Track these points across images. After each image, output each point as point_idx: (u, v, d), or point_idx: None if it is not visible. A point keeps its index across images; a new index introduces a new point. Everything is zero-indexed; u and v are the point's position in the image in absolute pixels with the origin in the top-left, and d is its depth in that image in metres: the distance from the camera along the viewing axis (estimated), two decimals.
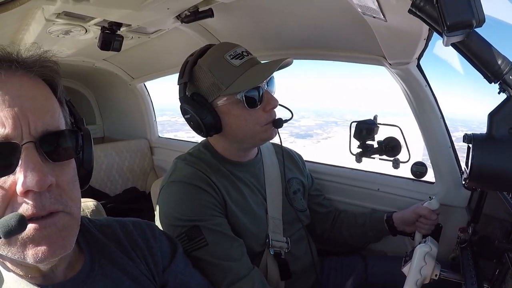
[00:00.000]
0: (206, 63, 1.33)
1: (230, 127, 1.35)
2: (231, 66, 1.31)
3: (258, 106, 1.33)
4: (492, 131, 0.86)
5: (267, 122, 1.36)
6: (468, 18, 0.72)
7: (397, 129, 1.58)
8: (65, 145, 0.72)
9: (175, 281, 1.01)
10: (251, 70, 1.32)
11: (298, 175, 1.70)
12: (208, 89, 1.32)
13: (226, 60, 1.31)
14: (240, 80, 1.29)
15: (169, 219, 1.30)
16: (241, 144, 1.42)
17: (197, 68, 1.35)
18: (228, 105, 1.32)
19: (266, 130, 1.37)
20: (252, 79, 1.30)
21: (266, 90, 1.35)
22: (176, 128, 16.74)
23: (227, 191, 1.37)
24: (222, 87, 1.30)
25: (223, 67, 1.31)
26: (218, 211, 1.32)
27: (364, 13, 1.22)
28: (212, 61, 1.33)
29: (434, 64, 11.08)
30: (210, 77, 1.31)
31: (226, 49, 1.35)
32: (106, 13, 1.56)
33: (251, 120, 1.33)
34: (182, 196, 1.31)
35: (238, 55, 1.33)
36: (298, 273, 1.51)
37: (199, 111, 1.31)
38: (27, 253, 0.66)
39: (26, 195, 0.65)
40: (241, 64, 1.32)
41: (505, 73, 0.81)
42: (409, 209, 1.60)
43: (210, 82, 1.31)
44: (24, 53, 0.73)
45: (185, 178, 1.33)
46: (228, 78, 1.30)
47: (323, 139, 30.27)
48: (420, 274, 1.15)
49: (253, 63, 1.35)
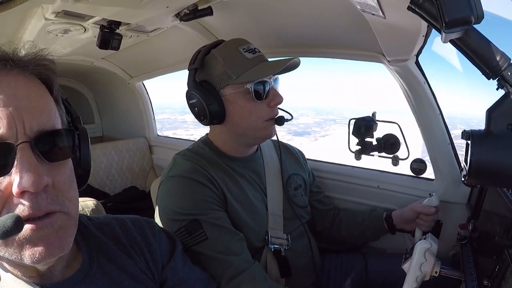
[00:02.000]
0: (219, 52, 1.37)
1: (233, 118, 1.37)
2: (243, 58, 1.35)
3: (264, 100, 1.36)
4: (490, 127, 0.86)
5: (270, 117, 1.38)
6: (466, 14, 0.72)
7: (396, 126, 1.58)
8: (61, 145, 0.72)
9: (174, 277, 1.01)
10: (262, 64, 1.37)
11: (300, 171, 1.70)
12: (218, 77, 1.35)
13: (239, 52, 1.35)
14: (251, 72, 1.33)
15: (169, 213, 1.31)
16: (241, 138, 1.43)
17: (210, 56, 1.37)
18: (235, 94, 1.35)
19: (266, 127, 1.39)
20: (262, 71, 1.34)
21: (273, 87, 1.38)
22: (175, 126, 16.71)
23: (226, 186, 1.38)
24: (233, 76, 1.33)
25: (235, 58, 1.35)
26: (218, 205, 1.33)
27: (363, 10, 1.22)
28: (226, 51, 1.37)
29: (432, 61, 11.00)
30: (222, 65, 1.34)
31: (240, 43, 1.39)
32: (105, 11, 1.55)
33: (255, 113, 1.36)
34: (182, 191, 1.31)
35: (251, 50, 1.38)
36: (298, 270, 1.51)
37: (206, 98, 1.34)
38: (24, 254, 0.66)
39: (22, 196, 0.64)
40: (253, 58, 1.36)
41: (503, 69, 0.81)
42: (408, 207, 1.61)
43: (221, 71, 1.34)
44: (20, 52, 0.72)
45: (184, 172, 1.34)
46: (240, 68, 1.33)
47: (320, 137, 30.27)
48: (421, 270, 1.15)
49: (264, 59, 1.40)
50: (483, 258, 1.19)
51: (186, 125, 6.78)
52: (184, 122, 22.68)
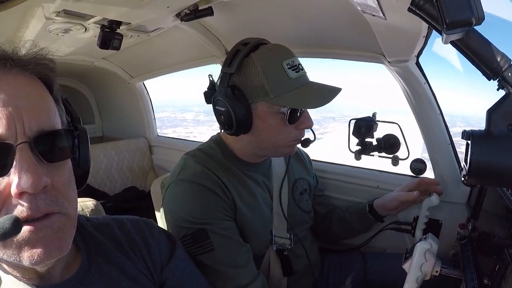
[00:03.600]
0: (260, 60, 1.24)
1: (259, 133, 1.30)
2: (286, 76, 1.24)
3: (295, 123, 1.30)
4: (490, 127, 0.86)
5: (296, 139, 1.34)
6: (467, 16, 0.72)
7: (396, 126, 1.59)
8: (61, 145, 0.71)
9: (173, 279, 1.00)
10: (304, 88, 1.27)
11: (305, 176, 1.68)
12: (254, 90, 1.24)
13: (282, 68, 1.24)
14: (292, 95, 1.23)
15: (176, 218, 1.27)
16: (261, 151, 1.39)
17: (249, 62, 1.25)
18: (267, 112, 1.26)
19: (290, 146, 1.36)
20: (306, 100, 1.26)
21: (306, 110, 1.31)
22: (175, 124, 16.71)
23: (237, 193, 1.34)
24: (271, 94, 1.22)
25: (277, 73, 1.24)
26: (227, 214, 1.29)
27: (363, 11, 1.22)
28: (268, 62, 1.24)
29: (433, 62, 11.02)
30: (261, 78, 1.23)
31: (284, 55, 1.27)
32: (106, 11, 1.55)
33: (283, 133, 1.30)
34: (191, 197, 1.26)
35: (295, 67, 1.26)
36: (300, 271, 1.51)
37: (236, 107, 1.23)
38: (23, 256, 0.65)
39: (20, 197, 0.63)
40: (296, 77, 1.25)
41: (504, 70, 0.81)
42: (390, 197, 1.63)
43: (259, 84, 1.23)
44: (20, 51, 0.71)
45: (194, 177, 1.28)
46: (280, 87, 1.23)
47: (319, 134, 30.29)
48: (421, 270, 1.15)
49: (306, 80, 1.30)
50: (483, 257, 1.18)
51: (185, 123, 6.81)
52: (184, 120, 22.64)
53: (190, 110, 31.36)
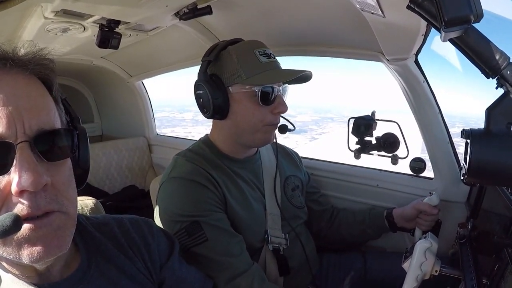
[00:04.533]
0: (235, 50, 1.37)
1: (236, 116, 1.38)
2: (257, 60, 1.36)
3: (269, 106, 1.37)
4: (490, 126, 0.86)
5: (271, 123, 1.39)
6: (466, 13, 0.72)
7: (395, 125, 1.58)
8: (61, 144, 0.72)
9: (172, 277, 1.01)
10: (274, 70, 1.38)
11: (297, 172, 1.72)
12: (229, 74, 1.36)
13: (254, 54, 1.36)
14: (262, 75, 1.34)
15: (169, 215, 1.31)
16: (240, 137, 1.43)
17: (226, 52, 1.38)
18: (242, 94, 1.35)
19: (266, 131, 1.40)
20: (272, 77, 1.35)
21: (280, 95, 1.39)
22: (174, 124, 16.72)
23: (227, 187, 1.38)
24: (243, 76, 1.34)
25: (249, 59, 1.35)
26: (218, 207, 1.33)
27: (362, 9, 1.22)
28: (242, 50, 1.38)
29: (432, 60, 11.05)
30: (235, 63, 1.35)
31: (257, 45, 1.40)
32: (104, 10, 1.55)
33: (257, 115, 1.36)
34: (182, 192, 1.32)
35: (266, 54, 1.39)
36: (296, 269, 1.52)
37: (213, 91, 1.35)
38: (23, 253, 0.66)
39: (21, 195, 0.64)
40: (266, 62, 1.37)
41: (502, 68, 0.80)
42: (409, 205, 1.61)
43: (233, 68, 1.35)
44: (19, 51, 0.72)
45: (185, 174, 1.34)
46: (252, 70, 1.34)
47: (317, 135, 30.34)
48: (421, 269, 1.15)
49: (277, 66, 1.41)
50: (482, 257, 1.19)
51: (184, 123, 6.74)
52: (183, 120, 22.64)
53: (189, 110, 31.35)
